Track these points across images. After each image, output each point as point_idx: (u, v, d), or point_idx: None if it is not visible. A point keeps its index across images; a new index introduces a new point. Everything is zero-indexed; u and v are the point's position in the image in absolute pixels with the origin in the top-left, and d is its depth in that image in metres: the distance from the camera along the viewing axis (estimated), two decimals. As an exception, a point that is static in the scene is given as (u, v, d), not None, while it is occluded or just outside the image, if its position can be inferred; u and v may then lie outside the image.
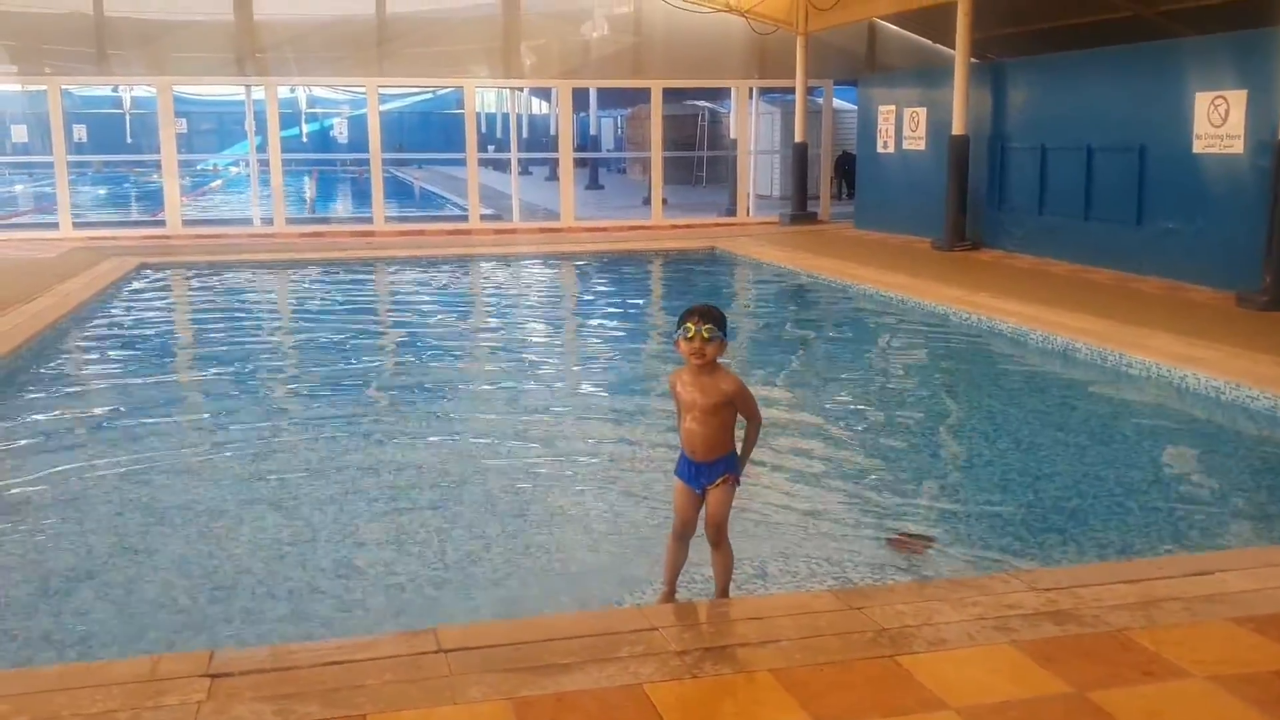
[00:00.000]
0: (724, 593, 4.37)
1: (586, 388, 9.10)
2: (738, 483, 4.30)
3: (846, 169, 25.23)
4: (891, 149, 19.07)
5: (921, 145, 18.10)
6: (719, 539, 4.29)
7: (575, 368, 10.06)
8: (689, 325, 4.11)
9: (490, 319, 12.89)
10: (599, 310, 13.74)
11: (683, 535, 4.33)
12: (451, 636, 3.80)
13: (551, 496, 6.11)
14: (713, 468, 4.20)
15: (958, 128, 15.96)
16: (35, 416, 8.02)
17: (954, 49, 16.16)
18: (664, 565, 4.45)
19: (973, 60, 16.09)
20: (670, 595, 4.42)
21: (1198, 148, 12.34)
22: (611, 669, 3.54)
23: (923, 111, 18.05)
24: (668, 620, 3.96)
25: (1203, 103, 12.24)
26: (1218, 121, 12.03)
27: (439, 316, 12.85)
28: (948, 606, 4.01)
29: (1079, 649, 3.67)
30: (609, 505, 5.96)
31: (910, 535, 5.47)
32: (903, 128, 18.65)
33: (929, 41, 21.49)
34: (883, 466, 6.75)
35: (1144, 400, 8.15)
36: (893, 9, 18.09)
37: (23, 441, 7.32)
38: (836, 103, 23.59)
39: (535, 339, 11.60)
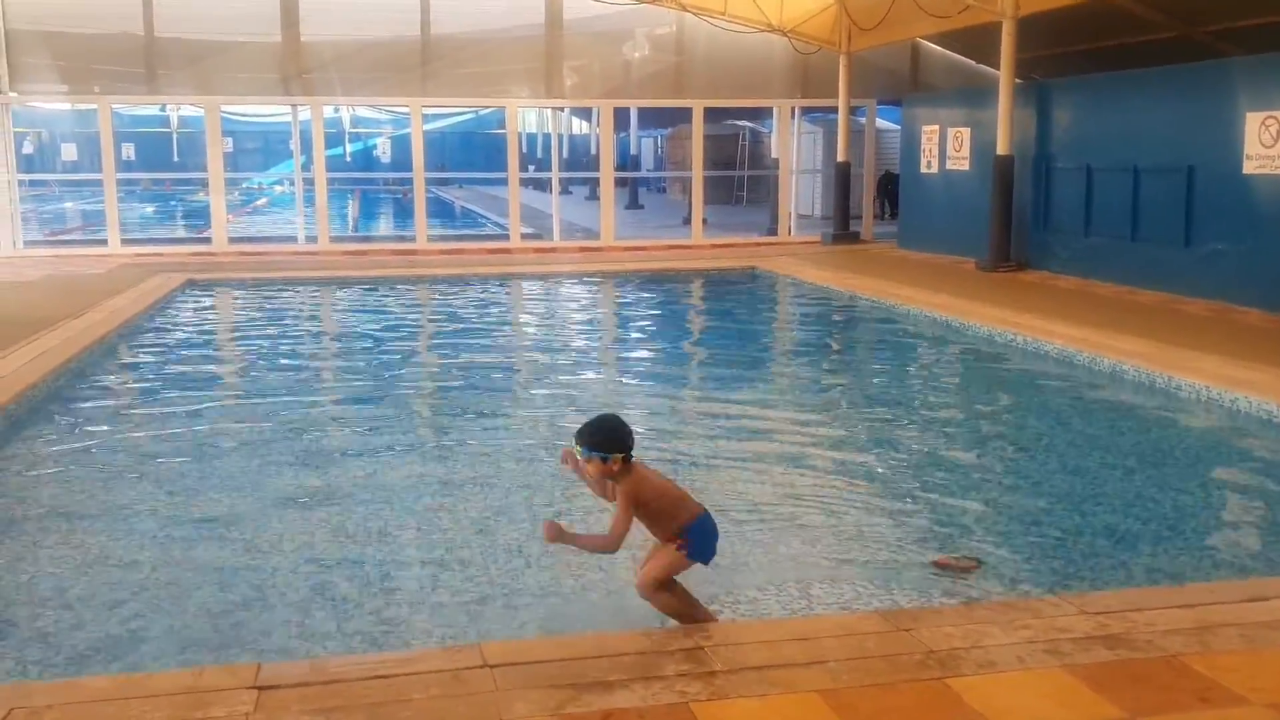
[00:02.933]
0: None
1: (625, 407, 9.07)
2: (687, 557, 4.16)
3: (889, 189, 25.14)
4: (935, 169, 18.97)
5: (966, 165, 17.99)
6: (644, 595, 4.19)
7: (614, 387, 10.04)
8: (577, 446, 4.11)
9: (531, 337, 12.93)
10: (638, 330, 13.74)
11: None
12: (496, 652, 3.80)
13: (592, 516, 6.08)
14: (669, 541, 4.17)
15: (1002, 148, 15.85)
16: (83, 429, 8.11)
17: (998, 69, 16.06)
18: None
19: (1017, 80, 16.00)
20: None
21: (1248, 168, 12.19)
22: (658, 687, 3.52)
23: (967, 131, 17.95)
24: (714, 639, 3.93)
25: (1253, 123, 12.09)
26: (1269, 142, 11.87)
27: (480, 334, 12.89)
28: (997, 629, 3.96)
29: (1132, 674, 3.61)
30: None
31: (956, 557, 5.40)
32: (947, 147, 18.56)
33: (973, 62, 21.39)
34: (928, 488, 6.68)
35: (1194, 423, 8.03)
36: (936, 29, 18.01)
37: (70, 455, 7.41)
38: (879, 122, 23.52)
39: (575, 358, 11.61)
